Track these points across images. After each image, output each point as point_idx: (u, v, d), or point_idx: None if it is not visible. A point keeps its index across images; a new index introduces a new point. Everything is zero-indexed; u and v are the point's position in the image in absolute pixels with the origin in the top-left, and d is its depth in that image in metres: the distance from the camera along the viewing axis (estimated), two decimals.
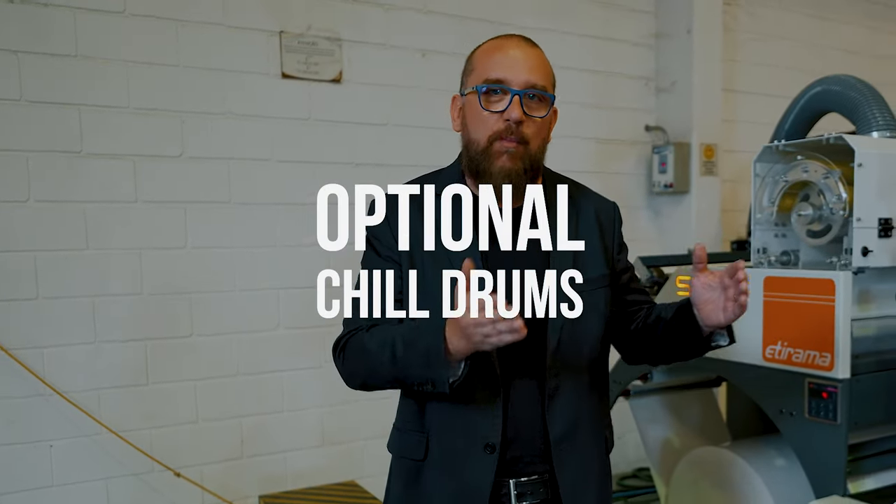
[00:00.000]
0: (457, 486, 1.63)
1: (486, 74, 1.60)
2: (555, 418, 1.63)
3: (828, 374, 2.04)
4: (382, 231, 1.69)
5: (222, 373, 3.49)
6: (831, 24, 5.41)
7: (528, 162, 1.62)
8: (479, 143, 1.62)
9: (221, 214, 3.47)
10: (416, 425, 1.69)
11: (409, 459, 1.70)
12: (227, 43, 3.45)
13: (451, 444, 1.64)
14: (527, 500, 1.63)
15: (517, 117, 1.57)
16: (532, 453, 1.64)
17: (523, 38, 1.67)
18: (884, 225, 2.07)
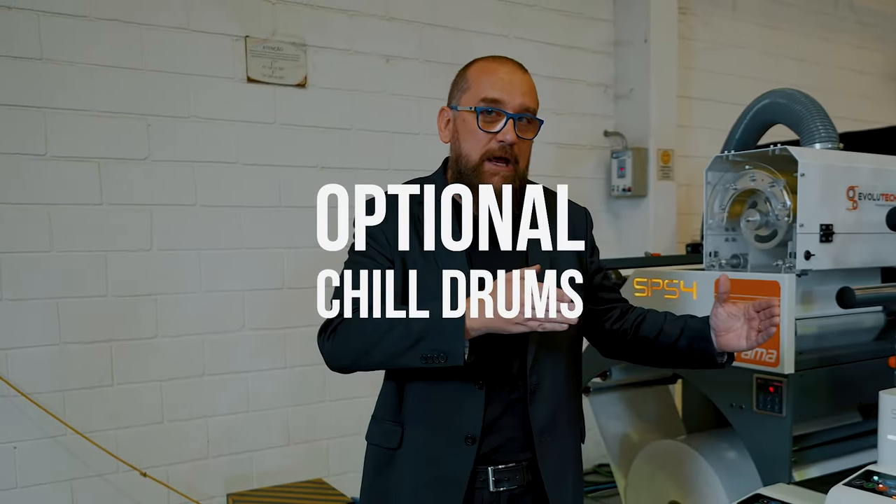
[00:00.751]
0: (434, 474, 1.71)
1: (484, 94, 1.70)
2: (537, 412, 1.73)
3: (774, 369, 2.15)
4: (377, 230, 1.76)
5: (188, 373, 3.51)
6: (784, 34, 5.58)
7: (517, 182, 1.72)
8: (471, 160, 1.71)
9: (187, 217, 3.49)
10: (393, 415, 1.77)
11: (382, 447, 1.78)
12: (193, 47, 3.47)
13: (429, 435, 1.72)
14: (504, 485, 1.72)
15: (511, 140, 1.67)
16: (512, 444, 1.73)
17: (515, 61, 1.77)
18: (825, 230, 2.19)
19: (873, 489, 1.80)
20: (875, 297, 2.23)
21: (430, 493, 1.71)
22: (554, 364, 1.76)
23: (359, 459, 3.49)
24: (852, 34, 6.03)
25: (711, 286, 2.32)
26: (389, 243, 1.74)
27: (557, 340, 1.75)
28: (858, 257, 2.31)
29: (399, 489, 1.75)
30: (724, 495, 2.38)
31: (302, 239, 3.72)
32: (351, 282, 1.72)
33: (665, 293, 2.43)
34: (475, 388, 1.69)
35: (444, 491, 1.70)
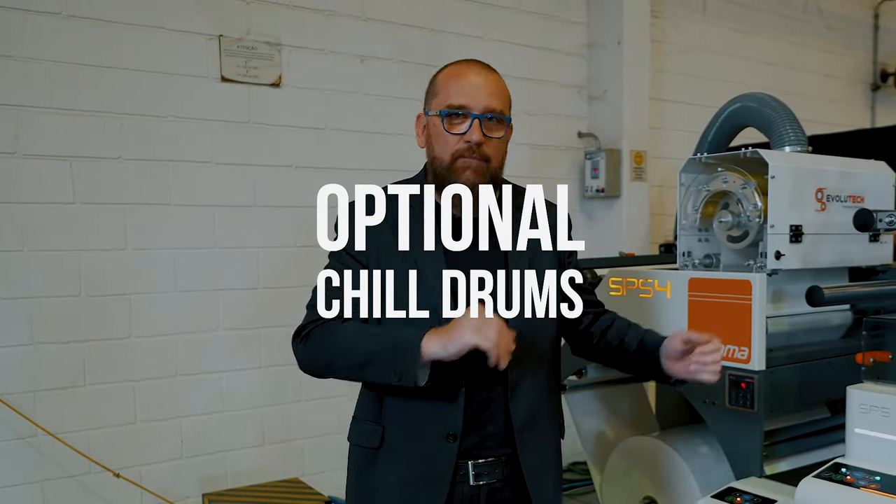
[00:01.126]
0: (417, 471, 1.74)
1: (449, 100, 1.75)
2: (517, 409, 1.76)
3: (745, 366, 2.20)
4: (351, 230, 1.78)
5: (161, 373, 3.48)
6: (754, 38, 5.66)
7: (489, 177, 1.76)
8: (444, 161, 1.77)
9: (161, 216, 3.47)
10: (373, 416, 1.81)
11: (364, 447, 1.82)
12: (166, 46, 3.45)
13: (410, 433, 1.76)
14: (484, 479, 1.76)
15: (477, 139, 1.72)
16: (493, 440, 1.76)
17: (482, 64, 1.81)
18: (794, 231, 2.25)
19: (841, 481, 1.85)
20: (843, 296, 2.29)
21: (415, 489, 1.74)
22: (534, 361, 1.79)
23: (334, 459, 3.52)
24: (820, 38, 6.15)
25: (685, 285, 2.37)
26: (367, 246, 1.77)
27: (538, 338, 1.79)
28: (827, 257, 2.37)
29: (383, 487, 1.78)
30: (698, 489, 2.43)
31: (277, 238, 3.72)
32: (324, 287, 1.76)
33: (640, 292, 2.47)
34: (455, 387, 1.72)
35: (428, 487, 1.73)
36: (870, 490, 1.79)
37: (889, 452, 1.85)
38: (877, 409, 1.85)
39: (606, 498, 2.83)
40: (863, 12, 6.49)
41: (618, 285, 2.55)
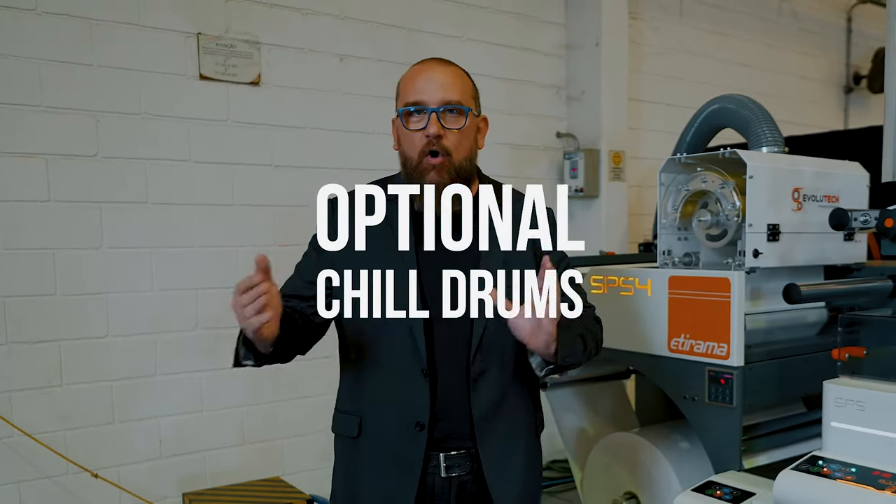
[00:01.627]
0: (392, 459, 1.79)
1: (407, 99, 1.80)
2: (478, 401, 1.78)
3: (724, 362, 2.23)
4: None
5: (139, 373, 3.46)
6: (730, 40, 5.73)
7: (453, 172, 1.78)
8: (412, 160, 1.80)
9: (138, 215, 3.44)
10: (351, 406, 1.87)
11: (345, 437, 1.88)
12: (144, 43, 3.43)
13: (383, 423, 1.80)
14: (454, 471, 1.79)
15: (435, 132, 1.75)
16: (459, 431, 1.79)
17: (440, 60, 1.84)
18: (772, 230, 2.29)
19: (818, 473, 1.88)
20: (818, 293, 2.33)
21: (390, 477, 1.79)
22: (502, 352, 1.81)
23: (315, 458, 3.53)
24: (795, 41, 6.23)
25: (665, 283, 2.40)
26: (332, 248, 1.82)
27: (506, 331, 1.74)
28: (803, 255, 2.41)
29: (365, 475, 1.83)
30: (678, 484, 2.46)
31: (256, 237, 3.70)
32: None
33: (621, 290, 2.50)
34: (421, 376, 1.76)
35: (402, 475, 1.78)
36: (845, 481, 1.83)
37: (864, 445, 1.88)
38: (852, 402, 1.88)
39: (587, 494, 2.86)
40: (836, 15, 6.60)
41: (599, 283, 2.57)
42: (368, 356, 1.83)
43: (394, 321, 1.77)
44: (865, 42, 6.74)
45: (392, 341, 1.79)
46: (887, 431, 1.86)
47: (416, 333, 1.76)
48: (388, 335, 1.79)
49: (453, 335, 1.79)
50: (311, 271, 1.85)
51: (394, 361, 1.78)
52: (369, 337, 1.82)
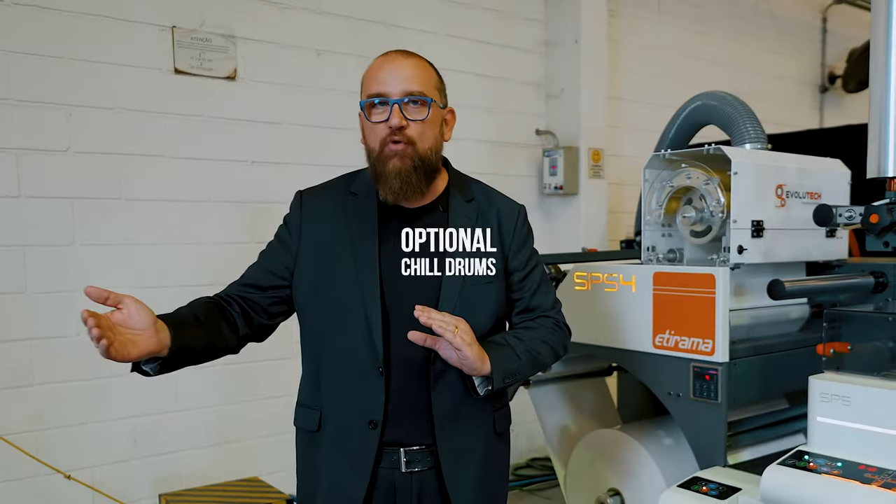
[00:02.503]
0: (346, 456, 1.78)
1: (368, 91, 1.78)
2: (438, 398, 1.77)
3: (709, 358, 2.23)
4: (294, 220, 1.86)
5: (113, 372, 3.36)
6: (708, 39, 5.76)
7: (417, 160, 1.76)
8: (374, 150, 1.78)
9: (111, 211, 3.37)
10: (311, 400, 1.85)
11: (306, 431, 1.86)
12: (117, 36, 3.36)
13: (339, 419, 1.79)
14: (415, 466, 1.77)
15: (397, 123, 1.73)
16: (417, 428, 1.77)
17: (402, 52, 1.83)
18: (756, 226, 2.29)
19: (805, 467, 1.88)
20: (802, 289, 2.34)
21: (344, 474, 1.78)
22: None
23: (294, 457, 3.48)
24: (772, 41, 6.28)
25: (650, 279, 2.40)
26: (292, 245, 1.83)
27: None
28: (786, 252, 2.41)
29: (323, 470, 1.82)
30: (662, 479, 2.45)
31: (233, 234, 3.65)
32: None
33: (605, 286, 2.49)
34: (377, 374, 1.74)
35: (354, 472, 1.76)
36: (832, 476, 1.83)
37: (849, 439, 1.89)
38: (837, 397, 1.89)
39: (571, 491, 2.84)
40: (811, 15, 6.67)
41: (583, 280, 2.56)
42: (326, 351, 1.81)
43: (351, 317, 1.76)
44: (840, 42, 6.82)
45: (349, 337, 1.77)
46: (873, 426, 1.86)
47: (373, 330, 1.74)
48: (345, 331, 1.78)
49: (412, 326, 1.71)
50: (272, 261, 1.85)
51: (350, 357, 1.77)
52: (327, 331, 1.81)
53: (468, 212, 1.86)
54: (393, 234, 1.80)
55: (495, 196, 1.95)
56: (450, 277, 1.79)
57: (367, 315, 1.74)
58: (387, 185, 1.75)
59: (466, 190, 1.90)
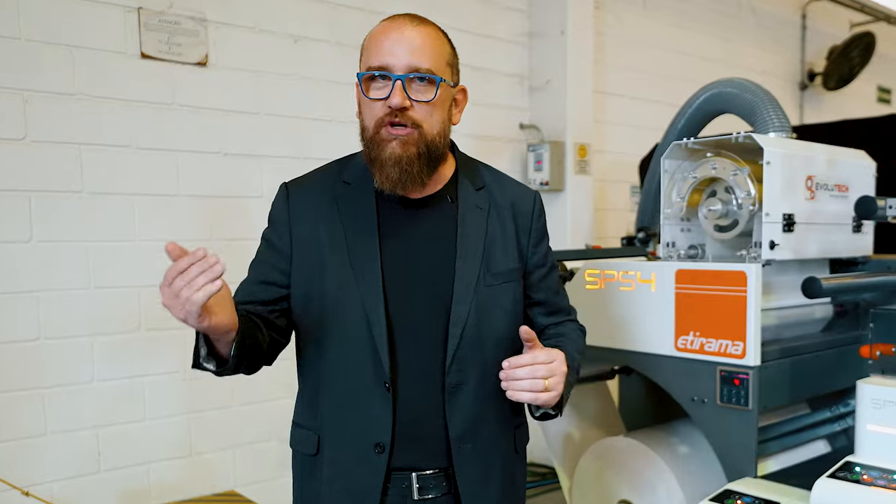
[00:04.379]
0: (346, 486, 1.57)
1: (369, 62, 1.54)
2: (455, 416, 1.57)
3: (740, 361, 2.09)
4: (282, 217, 1.65)
5: (75, 379, 3.14)
6: (691, 34, 5.67)
7: (422, 146, 1.54)
8: (369, 130, 1.57)
9: (72, 205, 3.12)
10: (309, 421, 1.64)
11: (304, 454, 1.67)
12: (78, 17, 3.10)
13: (341, 443, 1.59)
14: (429, 493, 1.58)
15: (398, 104, 1.51)
16: (429, 451, 1.58)
17: (412, 17, 1.59)
18: (787, 220, 2.16)
19: (857, 480, 1.76)
20: (839, 287, 2.21)
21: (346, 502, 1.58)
22: (481, 361, 1.59)
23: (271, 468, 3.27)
24: (753, 37, 6.25)
25: (671, 277, 2.25)
26: (283, 247, 1.63)
27: (485, 335, 1.60)
28: (814, 247, 2.29)
29: (322, 499, 1.62)
30: (679, 491, 2.31)
31: (204, 231, 3.42)
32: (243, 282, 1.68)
33: (620, 285, 2.34)
34: (383, 390, 1.54)
35: (358, 503, 1.56)
36: (890, 489, 1.71)
37: None
38: (891, 404, 1.76)
39: (577, 502, 2.68)
40: (792, 12, 6.67)
41: (595, 278, 2.41)
42: (324, 365, 1.60)
43: (352, 326, 1.55)
44: (819, 40, 6.83)
45: (350, 349, 1.56)
46: None
47: (377, 340, 1.53)
48: (345, 342, 1.57)
49: (423, 343, 1.56)
50: (266, 270, 1.63)
51: (352, 372, 1.56)
52: (324, 343, 1.60)
53: (479, 201, 1.66)
54: (395, 229, 1.60)
55: (508, 183, 1.75)
56: (462, 277, 1.58)
57: (370, 323, 1.53)
58: (383, 173, 1.54)
59: (476, 177, 1.70)
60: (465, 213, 1.64)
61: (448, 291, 1.58)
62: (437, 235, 1.61)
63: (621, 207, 5.16)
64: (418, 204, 1.62)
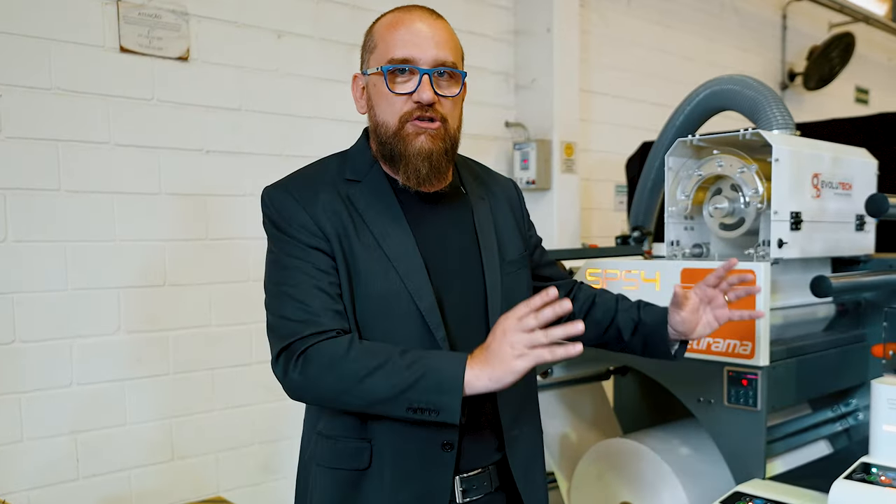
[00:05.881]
0: (413, 490, 1.50)
1: (391, 53, 1.50)
2: (505, 406, 1.57)
3: (748, 362, 2.06)
4: (301, 218, 1.52)
5: (53, 384, 3.03)
6: (673, 32, 5.67)
7: (448, 142, 1.52)
8: (389, 126, 1.51)
9: (49, 204, 3.01)
10: (356, 432, 1.53)
11: (347, 470, 1.54)
12: (54, 9, 3.00)
13: (403, 448, 1.50)
14: (470, 495, 1.55)
15: (428, 98, 1.47)
16: (484, 444, 1.57)
17: (427, 9, 1.56)
18: (794, 218, 2.14)
19: (876, 482, 1.73)
20: (849, 286, 2.20)
21: None
22: None
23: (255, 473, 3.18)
24: (735, 37, 6.27)
25: (677, 276, 2.22)
26: (326, 237, 1.50)
27: None
28: (819, 245, 2.27)
29: None
30: (683, 493, 2.28)
31: (185, 230, 3.33)
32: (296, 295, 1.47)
33: (623, 284, 2.30)
34: None
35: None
36: None
37: None
38: None
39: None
40: (772, 12, 6.71)
41: (597, 277, 2.37)
42: None
43: (403, 319, 1.49)
44: (800, 40, 6.88)
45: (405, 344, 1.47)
46: None
47: (434, 331, 1.49)
48: (398, 336, 1.49)
49: (470, 331, 1.54)
50: (315, 271, 1.49)
51: None
52: (373, 338, 1.51)
53: (480, 192, 1.67)
54: (421, 221, 1.55)
55: (492, 174, 1.78)
56: (489, 266, 1.58)
57: (423, 314, 1.48)
58: (410, 168, 1.49)
59: (471, 170, 1.72)
60: (476, 204, 1.64)
61: (480, 280, 1.57)
62: (458, 227, 1.60)
63: (606, 207, 5.14)
64: (435, 197, 1.58)
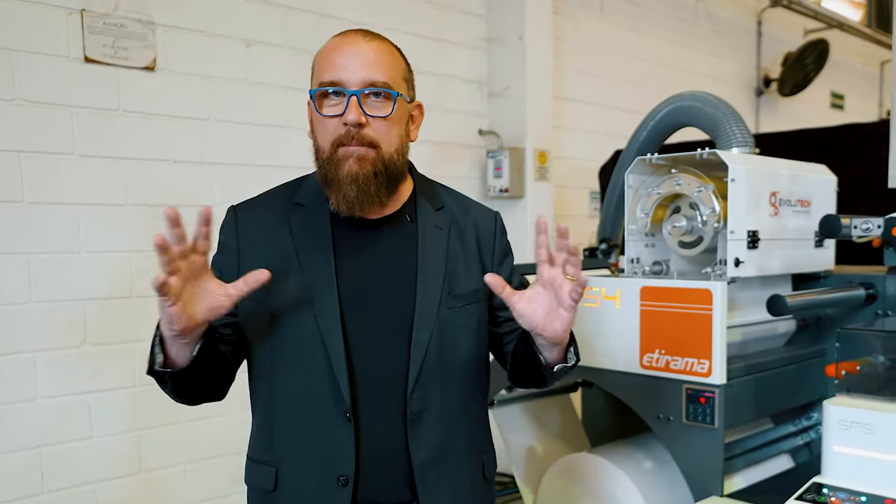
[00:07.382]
0: None
1: (321, 77, 1.49)
2: (418, 445, 1.51)
3: (706, 380, 2.06)
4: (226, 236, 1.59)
5: (16, 397, 3.00)
6: (645, 38, 5.69)
7: (379, 165, 1.49)
8: (324, 151, 1.51)
9: (12, 215, 2.98)
10: (265, 455, 1.55)
11: (259, 490, 1.57)
12: (17, 19, 2.96)
13: (301, 477, 1.51)
14: None
15: (354, 119, 1.45)
16: (394, 483, 1.51)
17: (364, 32, 1.54)
18: (752, 237, 2.14)
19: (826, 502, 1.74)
20: (803, 304, 2.20)
21: None
22: (445, 386, 1.55)
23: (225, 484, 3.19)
24: (709, 43, 6.29)
25: (636, 294, 2.22)
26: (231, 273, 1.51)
27: (449, 359, 1.55)
28: (778, 263, 2.27)
29: None
30: None
31: (150, 241, 3.28)
32: None
33: (585, 301, 2.28)
34: (344, 420, 1.47)
35: None
36: None
37: (870, 470, 1.75)
38: (858, 425, 1.75)
39: None
40: (747, 18, 6.74)
41: None
42: (280, 396, 1.53)
43: (308, 353, 1.49)
44: (775, 46, 6.91)
45: (307, 378, 1.49)
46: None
47: (335, 368, 1.47)
48: (302, 370, 1.50)
49: (383, 367, 1.51)
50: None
51: (310, 402, 1.50)
52: (279, 373, 1.53)
53: (439, 221, 1.61)
54: (352, 250, 1.53)
55: (469, 204, 1.71)
56: (424, 298, 1.53)
57: (328, 350, 1.47)
58: (339, 193, 1.48)
59: (435, 197, 1.66)
60: (426, 232, 1.59)
61: (409, 314, 1.52)
62: (396, 256, 1.56)
63: (581, 214, 5.15)
64: (376, 224, 1.56)
